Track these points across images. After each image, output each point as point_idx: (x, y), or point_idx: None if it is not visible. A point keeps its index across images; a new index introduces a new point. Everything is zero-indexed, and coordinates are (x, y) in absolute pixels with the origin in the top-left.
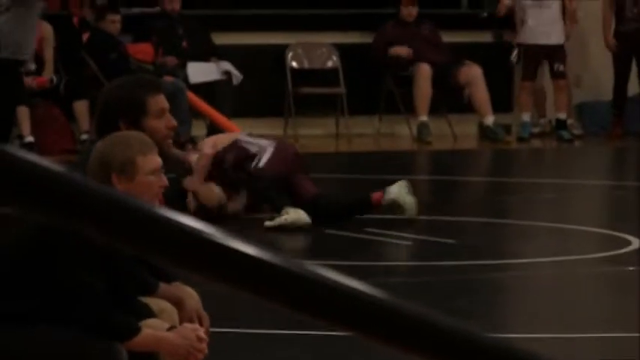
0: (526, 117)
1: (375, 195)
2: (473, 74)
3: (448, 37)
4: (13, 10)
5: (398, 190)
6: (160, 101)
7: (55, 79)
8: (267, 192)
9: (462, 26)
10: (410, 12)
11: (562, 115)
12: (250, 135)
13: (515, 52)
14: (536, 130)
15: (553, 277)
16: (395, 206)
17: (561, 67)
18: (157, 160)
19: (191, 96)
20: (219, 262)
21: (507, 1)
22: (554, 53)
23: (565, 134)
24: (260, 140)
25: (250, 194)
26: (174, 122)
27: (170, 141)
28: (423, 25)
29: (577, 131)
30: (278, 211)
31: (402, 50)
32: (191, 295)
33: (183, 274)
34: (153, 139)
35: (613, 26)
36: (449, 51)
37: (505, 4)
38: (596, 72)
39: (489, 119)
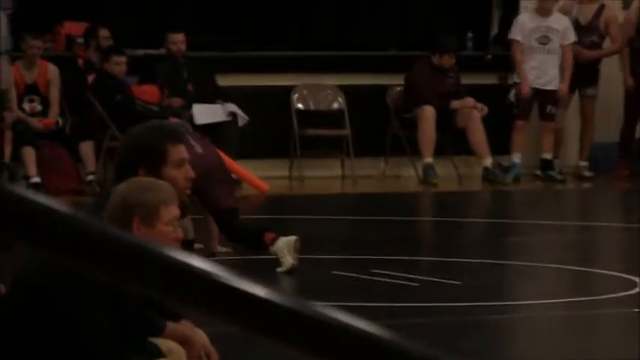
0: (516, 158)
1: (267, 236)
2: (470, 118)
3: None
4: None
5: (283, 245)
6: (181, 151)
7: (60, 121)
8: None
9: (468, 68)
10: (442, 61)
11: (548, 156)
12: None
13: (512, 92)
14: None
15: (557, 318)
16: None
17: (553, 110)
18: (176, 212)
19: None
20: (228, 303)
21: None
22: (548, 97)
23: (555, 175)
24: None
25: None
26: (192, 173)
27: (189, 192)
28: (448, 74)
29: (588, 173)
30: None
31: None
32: (199, 333)
33: (192, 314)
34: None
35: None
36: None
37: (520, 49)
38: (602, 113)
39: (487, 161)
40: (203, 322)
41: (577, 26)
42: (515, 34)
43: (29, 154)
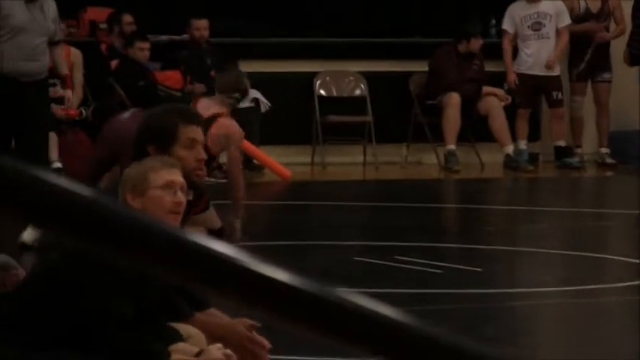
0: (522, 145)
1: None
2: (491, 105)
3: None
4: None
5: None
6: (192, 132)
7: (84, 111)
8: None
9: (490, 55)
10: (468, 47)
11: (561, 143)
12: None
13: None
14: (575, 159)
15: (578, 305)
16: None
17: (560, 95)
18: (170, 176)
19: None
20: (250, 288)
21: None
22: (550, 83)
23: (572, 162)
24: None
25: None
26: (204, 155)
27: (200, 173)
28: (473, 61)
29: (610, 160)
30: None
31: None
32: (238, 324)
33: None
34: (182, 169)
35: None
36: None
37: (509, 38)
38: (622, 101)
39: (509, 148)
40: (224, 307)
41: (588, 14)
42: (505, 23)
43: (51, 139)
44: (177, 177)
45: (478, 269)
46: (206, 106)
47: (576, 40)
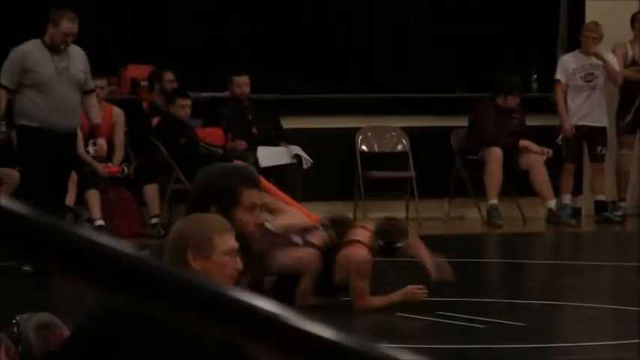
0: (566, 199)
1: None
2: (532, 160)
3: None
4: None
5: None
6: (254, 196)
7: (126, 169)
8: None
9: (531, 109)
10: (507, 102)
11: (602, 197)
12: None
13: (561, 135)
14: (618, 214)
15: None
16: None
17: (603, 150)
18: (233, 242)
19: (266, 184)
20: (294, 345)
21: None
22: (596, 136)
23: (612, 216)
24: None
25: None
26: (262, 220)
27: (258, 237)
28: (513, 115)
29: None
30: None
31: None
32: None
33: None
34: (240, 232)
35: None
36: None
37: (562, 89)
38: None
39: (551, 203)
40: None
41: (634, 63)
42: (558, 73)
43: (94, 196)
44: (236, 242)
45: (521, 324)
46: (356, 232)
47: (623, 91)
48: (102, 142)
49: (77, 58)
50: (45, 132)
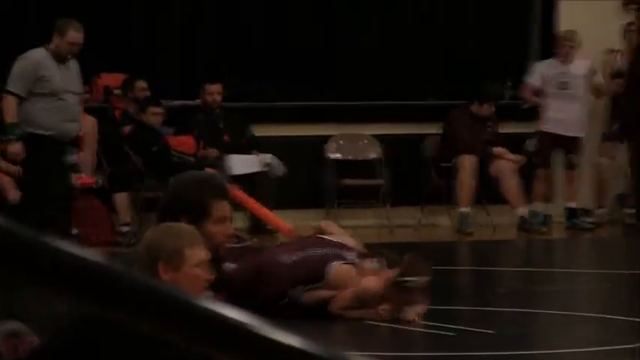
0: (537, 206)
1: None
2: (502, 167)
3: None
4: None
5: None
6: (224, 208)
7: (100, 181)
8: None
9: (505, 117)
10: (482, 110)
11: (573, 204)
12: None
13: (532, 141)
14: (588, 220)
15: None
16: None
17: (576, 160)
18: (203, 253)
19: (237, 193)
20: (261, 354)
21: (532, 86)
22: (570, 145)
23: (581, 223)
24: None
25: None
26: (232, 231)
27: (227, 246)
28: (487, 123)
29: (629, 221)
30: None
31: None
32: None
33: None
34: (209, 242)
35: None
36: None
37: (530, 89)
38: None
39: (522, 210)
40: None
41: (619, 75)
42: (530, 77)
43: None
44: (207, 253)
45: (491, 332)
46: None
47: (612, 101)
48: (82, 157)
49: (74, 67)
50: (53, 140)
